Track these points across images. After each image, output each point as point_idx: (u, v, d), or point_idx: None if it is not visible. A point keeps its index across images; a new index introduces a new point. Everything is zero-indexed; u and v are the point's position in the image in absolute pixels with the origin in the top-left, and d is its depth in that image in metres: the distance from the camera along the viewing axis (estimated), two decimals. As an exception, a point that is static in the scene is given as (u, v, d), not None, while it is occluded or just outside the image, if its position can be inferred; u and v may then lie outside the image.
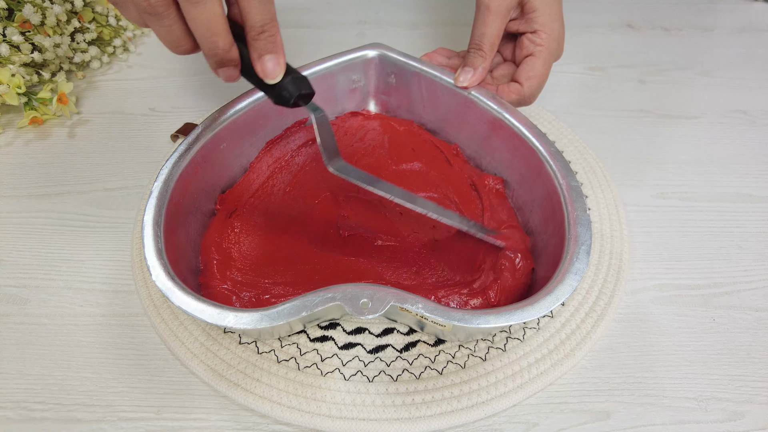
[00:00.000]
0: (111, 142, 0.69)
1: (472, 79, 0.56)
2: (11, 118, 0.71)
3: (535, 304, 0.41)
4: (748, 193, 0.65)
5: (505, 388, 0.47)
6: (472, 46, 0.57)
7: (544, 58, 0.57)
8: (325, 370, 0.48)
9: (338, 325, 0.51)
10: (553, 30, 0.57)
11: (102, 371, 0.49)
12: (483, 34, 0.56)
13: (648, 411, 0.47)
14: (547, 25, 0.57)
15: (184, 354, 0.49)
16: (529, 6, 0.57)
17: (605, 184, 0.64)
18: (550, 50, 0.57)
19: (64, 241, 0.58)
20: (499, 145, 0.58)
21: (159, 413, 0.47)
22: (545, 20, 0.57)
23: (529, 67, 0.57)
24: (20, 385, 0.48)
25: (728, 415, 0.47)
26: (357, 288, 0.41)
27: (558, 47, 0.59)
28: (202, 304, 0.40)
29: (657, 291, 0.56)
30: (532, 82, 0.57)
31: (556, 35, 0.58)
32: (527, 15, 0.58)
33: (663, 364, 0.50)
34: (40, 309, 0.53)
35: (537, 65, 0.57)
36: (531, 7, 0.57)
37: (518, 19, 0.59)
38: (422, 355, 0.49)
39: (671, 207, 0.63)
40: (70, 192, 0.63)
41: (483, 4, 0.56)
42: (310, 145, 0.62)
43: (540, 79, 0.57)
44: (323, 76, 0.61)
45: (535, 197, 0.55)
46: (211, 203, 0.56)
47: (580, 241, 0.45)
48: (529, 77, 0.57)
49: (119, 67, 0.80)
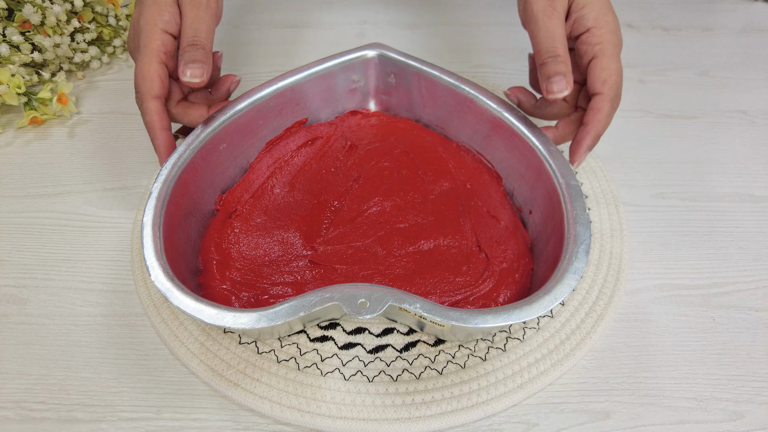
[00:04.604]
0: (111, 142, 0.69)
1: (568, 85, 0.50)
2: (11, 118, 0.71)
3: (533, 304, 0.41)
4: (748, 193, 0.64)
5: (505, 388, 0.47)
6: (546, 55, 0.51)
7: (610, 53, 0.51)
8: (325, 370, 0.48)
9: (338, 325, 0.51)
10: (607, 23, 0.51)
11: (102, 371, 0.49)
12: (553, 38, 0.51)
13: (648, 411, 0.47)
14: (600, 19, 0.51)
15: (184, 354, 0.49)
16: (576, 3, 0.52)
17: (605, 184, 0.64)
18: (612, 43, 0.51)
19: (63, 241, 0.58)
20: (499, 144, 0.58)
21: (159, 413, 0.47)
22: (597, 14, 0.51)
23: (599, 69, 0.51)
24: (20, 385, 0.48)
25: (728, 415, 0.47)
26: (355, 288, 0.41)
27: (618, 39, 0.52)
28: (200, 305, 0.40)
29: (657, 291, 0.55)
30: (609, 83, 0.50)
31: (612, 27, 0.52)
32: (576, 13, 0.52)
33: (663, 364, 0.50)
34: (39, 309, 0.53)
35: (605, 63, 0.51)
36: (579, 4, 0.52)
37: (567, 22, 0.53)
38: (422, 355, 0.49)
39: (671, 207, 0.63)
40: (69, 192, 0.63)
41: (539, 12, 0.51)
42: (309, 145, 0.62)
43: (616, 77, 0.51)
44: (323, 76, 0.60)
45: (534, 196, 0.54)
46: (211, 203, 0.56)
47: (579, 240, 0.45)
48: (603, 80, 0.50)
49: (119, 67, 0.80)
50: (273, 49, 0.85)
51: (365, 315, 0.40)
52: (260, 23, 0.90)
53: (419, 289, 0.51)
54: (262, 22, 0.90)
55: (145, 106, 0.51)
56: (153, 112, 0.51)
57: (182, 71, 0.51)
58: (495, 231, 0.55)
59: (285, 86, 0.58)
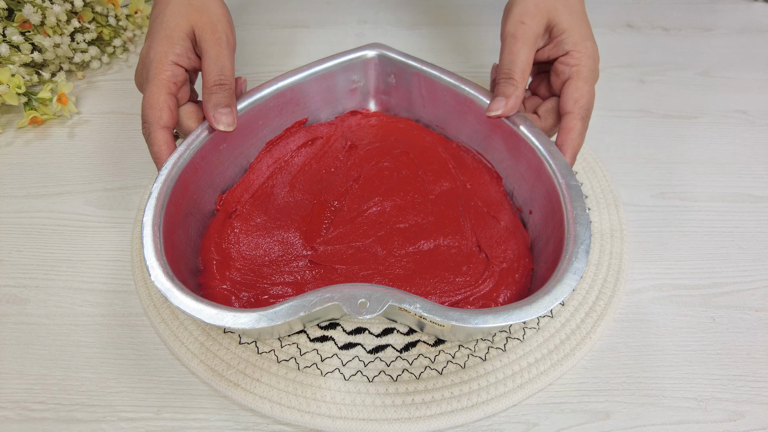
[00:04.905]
0: (111, 142, 0.69)
1: (506, 108, 0.52)
2: (11, 118, 0.71)
3: (533, 304, 0.41)
4: (748, 193, 0.64)
5: (505, 388, 0.47)
6: (501, 75, 0.53)
7: (585, 76, 0.53)
8: (325, 370, 0.48)
9: (338, 325, 0.51)
10: (586, 48, 0.54)
11: (102, 371, 0.49)
12: (512, 62, 0.53)
13: (648, 411, 0.47)
14: (579, 44, 0.54)
15: (184, 354, 0.48)
16: (557, 29, 0.55)
17: (605, 183, 0.63)
18: (588, 67, 0.54)
19: (63, 241, 0.58)
20: (499, 144, 0.58)
21: (159, 413, 0.47)
22: (576, 39, 0.54)
23: (572, 89, 0.53)
24: (20, 385, 0.48)
25: (728, 415, 0.47)
26: (355, 288, 0.41)
27: (595, 66, 0.55)
28: (200, 305, 0.40)
29: (657, 291, 0.55)
30: (581, 103, 0.52)
31: (591, 53, 0.54)
32: (556, 38, 0.55)
33: (663, 364, 0.50)
34: (39, 309, 0.53)
35: (579, 85, 0.53)
36: (559, 30, 0.54)
37: (548, 45, 0.56)
38: (422, 355, 0.49)
39: (671, 207, 0.63)
40: (69, 192, 0.63)
41: (509, 34, 0.54)
42: (309, 145, 0.62)
43: (588, 99, 0.53)
44: (323, 76, 0.60)
45: (534, 196, 0.54)
46: (211, 203, 0.56)
47: (579, 240, 0.45)
48: (575, 99, 0.52)
49: (119, 67, 0.80)
50: (273, 49, 0.85)
51: (365, 315, 0.40)
52: (260, 23, 0.90)
53: (419, 289, 0.50)
54: (262, 22, 0.90)
55: (153, 136, 0.50)
56: (162, 142, 0.50)
57: (215, 119, 0.51)
58: (495, 231, 0.55)
59: (285, 86, 0.58)
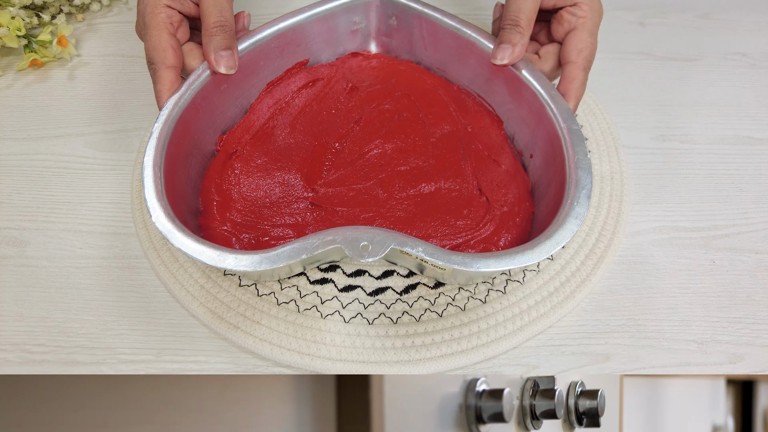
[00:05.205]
0: (111, 84, 0.64)
1: (512, 57, 0.49)
2: (11, 60, 0.66)
3: (535, 248, 0.39)
4: (748, 136, 0.60)
5: (505, 331, 0.44)
6: (507, 22, 0.50)
7: (589, 28, 0.50)
8: (325, 313, 0.45)
9: (338, 267, 0.48)
10: (593, 1, 0.50)
11: (102, 314, 0.46)
12: (519, 8, 0.49)
13: (648, 353, 0.44)
14: None
15: (183, 296, 0.45)
16: None
17: (605, 126, 0.59)
18: (594, 21, 0.50)
19: (63, 183, 0.54)
20: (501, 88, 0.53)
21: (159, 356, 0.44)
22: None
23: (576, 40, 0.49)
24: (20, 327, 0.45)
25: (728, 357, 0.44)
26: (357, 231, 0.38)
27: (599, 21, 0.52)
28: (201, 246, 0.38)
29: (657, 233, 0.51)
30: (584, 54, 0.49)
31: (597, 8, 0.51)
32: None
33: (663, 307, 0.47)
34: (39, 251, 0.49)
35: (584, 36, 0.49)
36: None
37: None
38: (422, 297, 0.46)
39: (671, 149, 0.58)
40: (69, 134, 0.58)
41: None
42: (310, 86, 0.57)
43: (591, 51, 0.50)
44: (324, 18, 0.55)
45: (535, 140, 0.50)
46: (212, 144, 0.52)
47: (580, 185, 0.42)
48: (579, 50, 0.49)
49: (119, 9, 0.74)
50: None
51: (367, 258, 0.37)
52: (261, -35, 0.84)
53: (420, 232, 0.47)
54: (263, -36, 0.84)
55: (159, 74, 0.46)
56: (167, 80, 0.46)
57: (216, 62, 0.47)
58: (496, 174, 0.51)
59: (286, 27, 0.53)
